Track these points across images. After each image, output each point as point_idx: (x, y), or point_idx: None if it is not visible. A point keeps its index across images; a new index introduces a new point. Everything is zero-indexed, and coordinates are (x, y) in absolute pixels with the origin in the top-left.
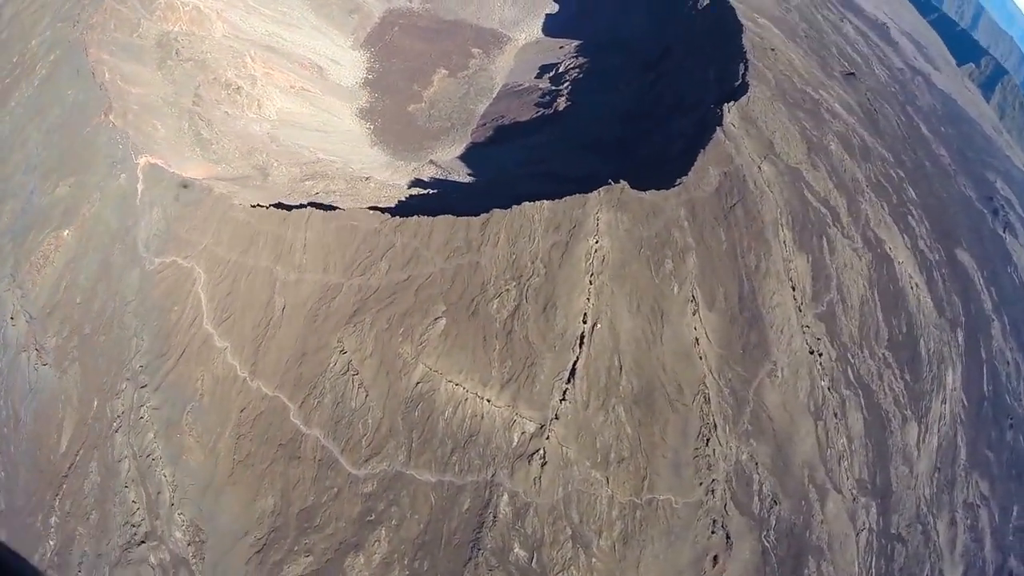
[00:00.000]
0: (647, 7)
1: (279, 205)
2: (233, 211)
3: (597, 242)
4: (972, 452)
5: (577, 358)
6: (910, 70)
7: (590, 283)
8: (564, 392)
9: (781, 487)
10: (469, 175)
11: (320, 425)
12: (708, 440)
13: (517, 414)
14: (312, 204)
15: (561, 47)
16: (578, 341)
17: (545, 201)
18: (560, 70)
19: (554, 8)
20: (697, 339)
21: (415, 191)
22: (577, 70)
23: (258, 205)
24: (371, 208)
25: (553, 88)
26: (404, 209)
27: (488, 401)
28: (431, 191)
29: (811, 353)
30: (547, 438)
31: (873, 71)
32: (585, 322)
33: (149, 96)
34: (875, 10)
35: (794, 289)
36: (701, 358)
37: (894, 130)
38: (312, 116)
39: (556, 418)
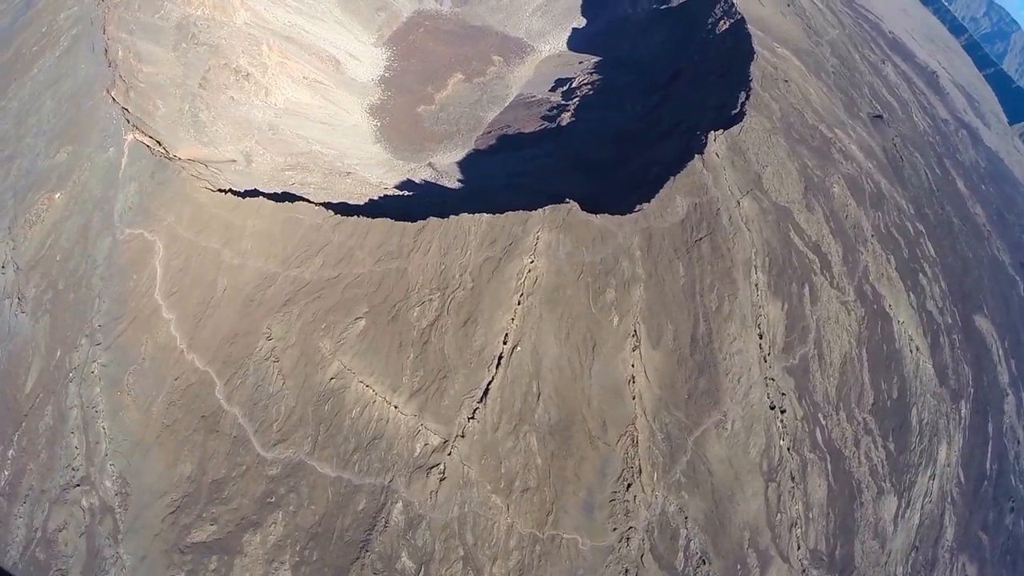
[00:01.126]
0: (669, 29)
1: (253, 192)
2: (196, 193)
3: (532, 262)
4: (963, 533)
5: (492, 378)
6: (956, 122)
7: (518, 303)
8: (474, 411)
9: (713, 546)
10: (459, 181)
11: (240, 404)
12: (630, 485)
13: (423, 425)
14: (284, 193)
15: (580, 62)
16: (496, 361)
17: (485, 215)
18: (573, 85)
19: (582, 23)
20: (633, 377)
21: (393, 191)
22: (589, 86)
23: (218, 190)
24: (340, 203)
25: (562, 103)
26: (369, 209)
27: (395, 407)
28: (409, 193)
29: (772, 408)
30: (449, 454)
31: (911, 118)
32: (506, 343)
33: (158, 76)
34: (928, 57)
35: (761, 337)
36: (634, 397)
37: (921, 181)
38: (320, 108)
39: (462, 436)
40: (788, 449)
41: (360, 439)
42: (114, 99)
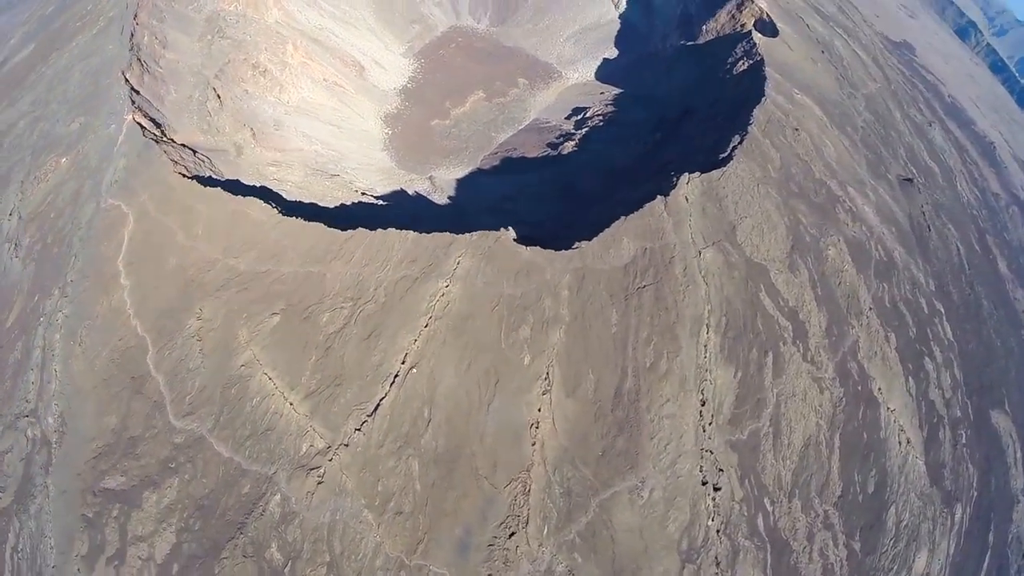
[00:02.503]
0: (691, 67)
1: (233, 183)
2: (168, 176)
3: (447, 286)
4: None
5: (385, 395)
6: (1009, 198)
7: (425, 326)
8: (362, 423)
9: None
10: (449, 198)
11: (164, 373)
12: (513, 533)
13: (311, 426)
14: (262, 187)
15: (602, 93)
16: (391, 379)
17: (411, 232)
18: (586, 115)
19: (613, 54)
20: (538, 423)
21: (371, 199)
22: (601, 118)
23: (192, 176)
24: (309, 204)
25: (571, 131)
26: (332, 212)
27: (291, 404)
28: (386, 203)
29: (703, 484)
30: (330, 460)
31: (953, 187)
32: (404, 363)
33: (178, 63)
34: (989, 127)
35: (703, 404)
36: (534, 444)
37: (950, 256)
38: (333, 110)
39: (345, 445)
40: (717, 531)
41: (255, 427)
42: (127, 80)
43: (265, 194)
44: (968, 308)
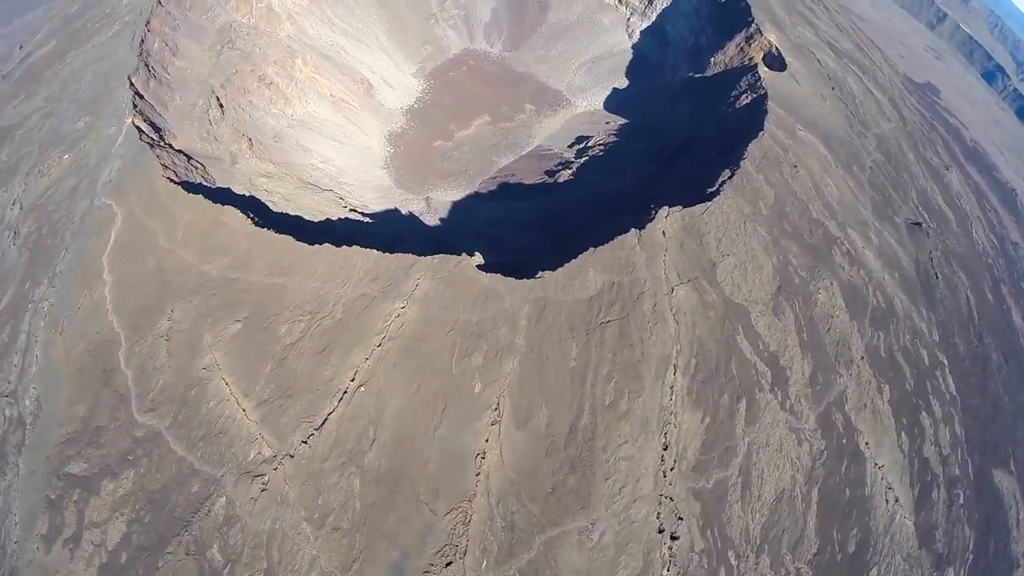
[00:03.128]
0: (696, 99)
1: (223, 191)
2: (156, 180)
3: (404, 307)
4: None
5: (333, 411)
6: None
7: (378, 345)
8: (308, 436)
9: None
10: (441, 220)
11: (132, 368)
12: (450, 563)
13: (261, 434)
14: (250, 197)
15: (607, 122)
16: (340, 395)
17: (374, 251)
18: (588, 144)
19: (624, 84)
20: (484, 452)
21: (358, 216)
22: (602, 147)
23: (179, 182)
24: (295, 216)
25: (571, 160)
26: (313, 226)
27: (244, 411)
28: (373, 221)
29: (660, 531)
30: (275, 469)
31: (968, 234)
32: (354, 380)
33: (186, 71)
34: (1013, 174)
35: (665, 448)
36: (479, 474)
37: (958, 305)
38: (337, 126)
39: (290, 456)
40: None
41: (209, 429)
42: (132, 84)
43: (251, 204)
44: (975, 361)
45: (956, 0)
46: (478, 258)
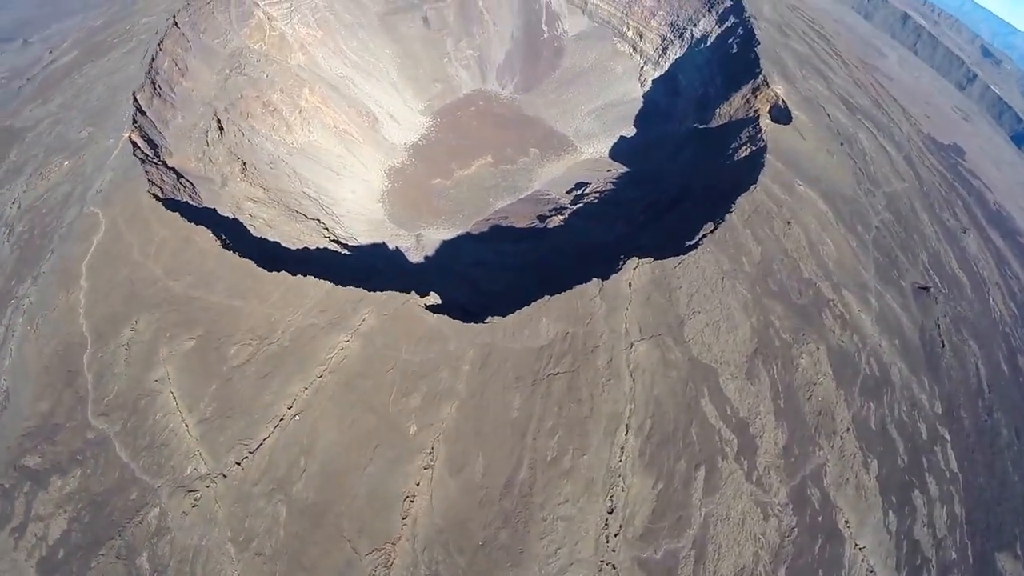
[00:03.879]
0: (697, 150)
1: (209, 211)
2: (140, 194)
3: (348, 341)
4: None
5: (268, 436)
6: None
7: (319, 376)
8: (242, 459)
9: None
10: (426, 258)
11: (93, 372)
12: None
13: (198, 451)
14: (234, 219)
15: (608, 170)
16: (276, 422)
17: (327, 283)
18: (585, 191)
19: (631, 132)
20: (413, 496)
21: (336, 247)
22: (597, 195)
23: (162, 198)
24: (273, 242)
25: (565, 206)
26: (289, 254)
27: (186, 426)
28: (351, 254)
29: None
30: (208, 486)
31: (984, 300)
32: (290, 408)
33: (192, 91)
34: None
35: (611, 512)
36: (405, 518)
37: (966, 376)
38: (337, 157)
39: (223, 476)
40: None
41: (153, 439)
42: (136, 100)
43: (232, 226)
44: (981, 436)
45: (987, 61)
46: (432, 298)
